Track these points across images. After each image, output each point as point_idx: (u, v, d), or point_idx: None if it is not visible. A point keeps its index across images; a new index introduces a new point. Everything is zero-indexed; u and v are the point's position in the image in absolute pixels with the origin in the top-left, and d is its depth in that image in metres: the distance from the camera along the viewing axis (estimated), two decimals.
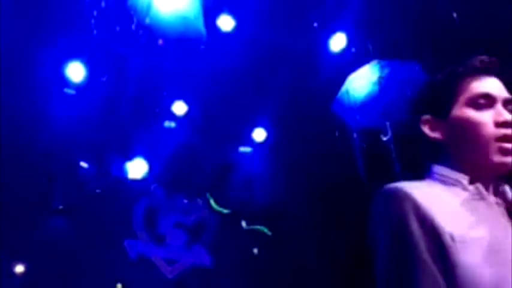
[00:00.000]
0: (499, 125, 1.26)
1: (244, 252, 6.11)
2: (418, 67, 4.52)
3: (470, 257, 1.14)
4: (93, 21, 4.11)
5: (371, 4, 4.54)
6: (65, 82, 4.97)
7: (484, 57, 1.34)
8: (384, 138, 4.63)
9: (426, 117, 1.37)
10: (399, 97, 4.58)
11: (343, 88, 4.68)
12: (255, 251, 6.15)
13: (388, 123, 4.66)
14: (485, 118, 1.27)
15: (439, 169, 1.35)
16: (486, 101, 1.29)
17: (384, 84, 4.52)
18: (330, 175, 5.70)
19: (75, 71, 4.90)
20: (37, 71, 4.85)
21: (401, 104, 4.60)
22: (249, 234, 6.17)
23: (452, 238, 1.15)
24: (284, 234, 6.19)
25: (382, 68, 4.56)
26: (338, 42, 4.93)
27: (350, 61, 4.82)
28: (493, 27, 4.02)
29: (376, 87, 4.56)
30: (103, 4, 4.19)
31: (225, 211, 6.21)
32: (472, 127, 1.26)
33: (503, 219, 1.25)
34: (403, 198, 1.21)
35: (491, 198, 1.28)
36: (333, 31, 4.90)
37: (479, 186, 1.27)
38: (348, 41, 4.91)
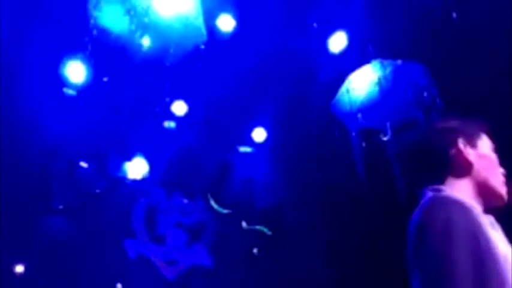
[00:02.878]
0: (502, 173, 1.78)
1: (244, 252, 6.11)
2: (420, 68, 4.49)
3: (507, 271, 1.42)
4: (92, 21, 4.11)
5: (371, 4, 4.53)
6: (65, 82, 4.97)
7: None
8: (384, 138, 4.62)
9: (462, 139, 1.69)
10: (400, 98, 4.56)
11: (343, 88, 4.66)
12: (255, 251, 6.14)
13: (388, 123, 4.65)
14: None
15: (452, 191, 1.60)
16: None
17: (384, 84, 4.50)
18: (329, 175, 5.69)
19: (76, 72, 4.90)
20: (37, 71, 4.85)
21: (402, 105, 4.58)
22: (249, 234, 6.17)
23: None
24: (284, 234, 6.18)
25: (383, 67, 4.53)
26: (338, 42, 4.91)
27: (350, 61, 4.81)
28: (493, 27, 4.01)
29: (377, 88, 4.53)
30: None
31: (225, 211, 6.21)
32: (496, 165, 1.75)
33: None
34: (464, 205, 1.49)
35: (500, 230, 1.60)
36: (333, 31, 4.88)
37: (492, 218, 1.59)
38: (348, 41, 4.89)
